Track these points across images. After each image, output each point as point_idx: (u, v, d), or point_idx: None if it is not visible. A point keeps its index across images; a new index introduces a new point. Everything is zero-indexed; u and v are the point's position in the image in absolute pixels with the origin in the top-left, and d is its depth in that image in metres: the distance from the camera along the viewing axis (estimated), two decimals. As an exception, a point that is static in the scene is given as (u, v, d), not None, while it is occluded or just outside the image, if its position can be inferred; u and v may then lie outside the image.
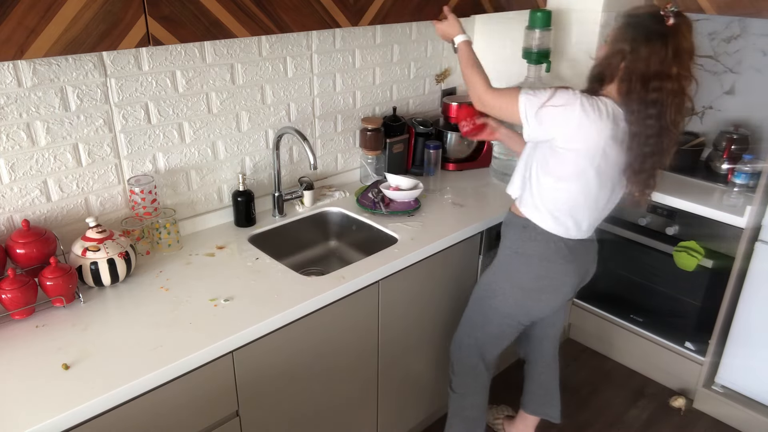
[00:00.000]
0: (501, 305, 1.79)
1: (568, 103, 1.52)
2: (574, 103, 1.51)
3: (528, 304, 1.76)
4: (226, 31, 1.43)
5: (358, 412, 1.92)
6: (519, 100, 1.59)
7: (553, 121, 1.54)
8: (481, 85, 1.70)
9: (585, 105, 1.51)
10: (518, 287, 1.75)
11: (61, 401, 1.18)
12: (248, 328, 1.43)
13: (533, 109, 1.56)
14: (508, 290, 1.76)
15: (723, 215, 2.16)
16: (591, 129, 1.51)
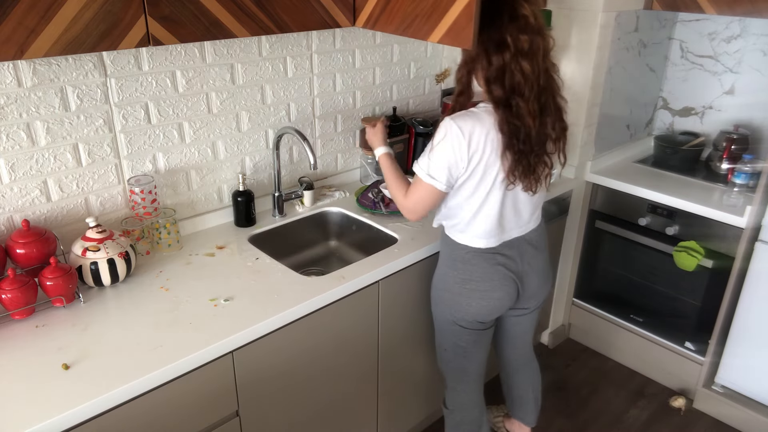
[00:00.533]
0: (441, 312, 1.77)
1: (447, 132, 1.49)
2: (448, 124, 1.49)
3: (460, 307, 1.70)
4: (226, 31, 1.43)
5: (358, 412, 1.92)
6: (420, 177, 1.56)
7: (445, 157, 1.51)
8: (401, 195, 1.65)
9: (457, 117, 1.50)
10: (448, 291, 1.72)
11: (61, 401, 1.18)
12: (248, 328, 1.43)
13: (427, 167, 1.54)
14: (442, 295, 1.74)
15: (723, 215, 2.16)
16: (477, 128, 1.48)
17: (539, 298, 1.82)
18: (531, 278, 1.73)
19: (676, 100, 2.76)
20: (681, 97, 2.74)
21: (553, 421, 2.39)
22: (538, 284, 1.77)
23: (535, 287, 1.76)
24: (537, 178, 1.57)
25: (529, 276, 1.72)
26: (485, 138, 1.49)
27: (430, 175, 1.53)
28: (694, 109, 2.71)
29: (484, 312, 1.70)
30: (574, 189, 2.50)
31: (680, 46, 2.67)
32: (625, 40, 2.40)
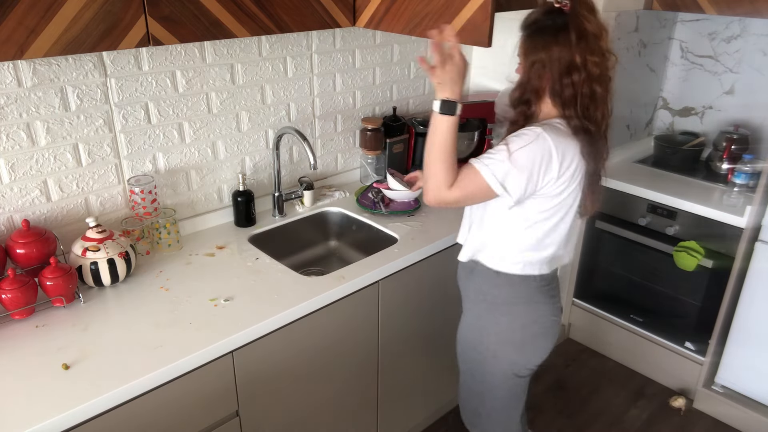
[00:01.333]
0: (496, 368, 1.56)
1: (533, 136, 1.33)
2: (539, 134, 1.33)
3: (524, 357, 1.54)
4: (226, 31, 1.43)
5: (358, 412, 1.92)
6: (486, 179, 1.34)
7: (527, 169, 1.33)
8: (445, 181, 1.37)
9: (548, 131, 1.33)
10: (508, 343, 1.52)
11: (61, 401, 1.18)
12: (248, 328, 1.43)
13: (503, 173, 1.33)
14: (498, 349, 1.53)
15: (723, 215, 2.16)
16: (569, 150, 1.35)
17: None
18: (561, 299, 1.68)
19: (676, 100, 2.76)
20: (681, 97, 2.74)
21: (553, 421, 2.39)
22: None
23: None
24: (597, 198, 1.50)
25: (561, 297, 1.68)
26: (575, 156, 1.36)
27: (503, 185, 1.33)
28: (694, 109, 2.71)
29: (547, 352, 1.55)
30: (574, 189, 2.49)
31: (680, 46, 2.67)
32: (625, 40, 2.40)
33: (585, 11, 1.35)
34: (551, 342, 1.57)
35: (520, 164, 1.32)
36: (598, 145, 1.39)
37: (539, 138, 1.32)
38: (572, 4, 1.35)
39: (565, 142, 1.35)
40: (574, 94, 1.34)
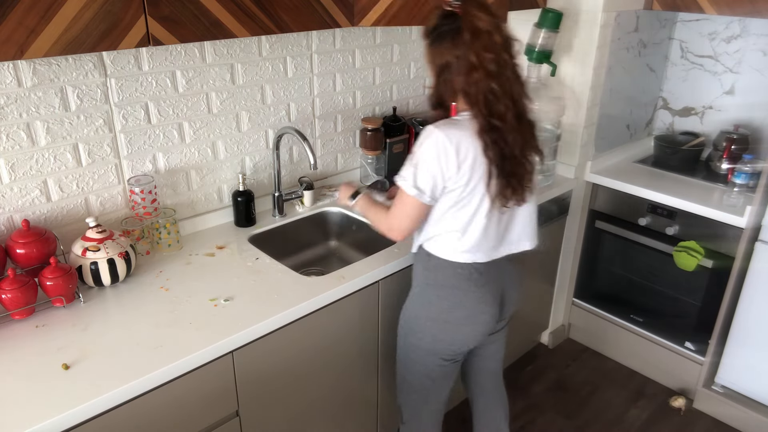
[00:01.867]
0: (420, 342, 1.62)
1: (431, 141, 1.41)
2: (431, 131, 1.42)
3: (446, 338, 1.59)
4: (226, 31, 1.43)
5: (358, 412, 1.92)
6: (404, 189, 1.46)
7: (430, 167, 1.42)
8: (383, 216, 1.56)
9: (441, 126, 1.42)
10: (433, 320, 1.58)
11: (61, 401, 1.18)
12: (248, 328, 1.43)
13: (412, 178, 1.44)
14: (424, 325, 1.60)
15: (723, 215, 2.16)
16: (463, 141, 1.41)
17: (513, 309, 1.71)
18: (511, 294, 1.65)
19: (676, 100, 2.76)
20: (681, 97, 2.74)
21: (553, 421, 2.39)
22: (513, 295, 1.67)
23: (511, 299, 1.67)
24: (530, 189, 1.51)
25: (510, 291, 1.64)
26: (474, 147, 1.41)
27: (417, 186, 1.44)
28: (694, 109, 2.71)
29: (470, 339, 1.59)
30: (574, 189, 2.50)
31: (680, 46, 2.67)
32: (625, 40, 2.40)
33: (475, 10, 1.39)
34: (478, 332, 1.59)
35: (422, 164, 1.43)
36: (508, 137, 1.42)
37: (431, 135, 1.42)
38: (463, 4, 1.40)
39: (460, 134, 1.41)
40: (476, 93, 1.39)
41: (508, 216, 1.54)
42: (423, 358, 1.65)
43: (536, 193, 1.60)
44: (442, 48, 1.42)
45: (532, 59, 2.29)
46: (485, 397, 1.89)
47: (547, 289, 2.70)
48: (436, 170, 1.42)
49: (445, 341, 1.60)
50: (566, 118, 2.42)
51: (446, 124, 1.43)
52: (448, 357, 1.63)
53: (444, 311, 1.57)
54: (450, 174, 1.42)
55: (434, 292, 1.58)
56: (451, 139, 1.40)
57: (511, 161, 1.44)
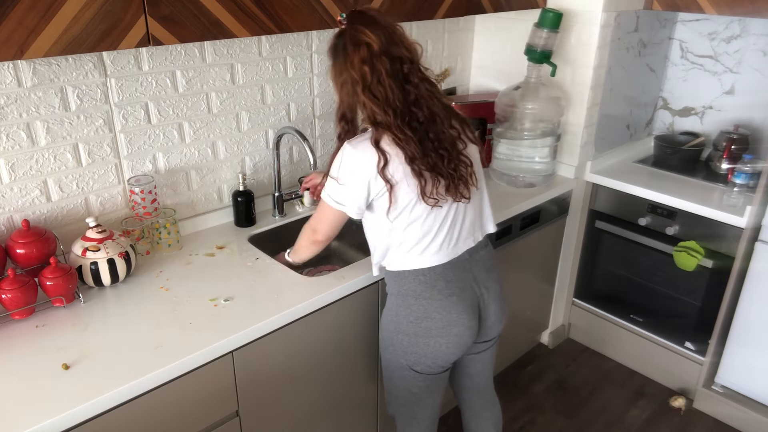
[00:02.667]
0: (393, 356, 1.59)
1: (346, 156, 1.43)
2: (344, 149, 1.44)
3: (416, 351, 1.53)
4: (226, 31, 1.43)
5: (358, 412, 1.92)
6: (324, 200, 1.51)
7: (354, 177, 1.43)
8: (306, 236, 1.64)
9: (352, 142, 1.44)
10: (401, 333, 1.54)
11: (61, 401, 1.18)
12: (248, 328, 1.43)
13: (335, 189, 1.47)
14: (395, 338, 1.56)
15: (723, 215, 2.16)
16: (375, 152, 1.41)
17: (498, 328, 1.66)
18: (490, 305, 1.59)
19: (676, 100, 2.76)
20: (681, 97, 2.74)
21: (553, 421, 2.39)
22: (496, 311, 1.61)
23: (494, 315, 1.61)
24: (465, 182, 1.48)
25: (487, 302, 1.58)
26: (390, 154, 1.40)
27: (338, 201, 1.47)
28: (694, 109, 2.71)
29: (442, 353, 1.53)
30: (574, 189, 2.50)
31: (680, 46, 2.67)
32: (625, 40, 2.40)
33: (358, 23, 1.41)
34: (453, 344, 1.53)
35: (342, 180, 1.45)
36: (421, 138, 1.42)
37: (344, 152, 1.44)
38: (348, 20, 1.43)
39: (368, 144, 1.42)
40: (363, 104, 1.43)
41: (452, 212, 1.50)
42: (400, 372, 1.60)
43: (483, 184, 1.59)
44: (337, 65, 1.45)
45: (532, 59, 2.29)
46: (472, 411, 1.85)
47: (547, 289, 2.70)
48: (358, 184, 1.43)
49: (417, 354, 1.54)
50: (566, 118, 2.42)
51: (356, 139, 1.45)
52: (424, 371, 1.57)
53: (411, 323, 1.52)
54: (366, 186, 1.43)
55: (401, 303, 1.54)
56: (362, 150, 1.42)
57: (434, 159, 1.43)
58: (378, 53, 1.39)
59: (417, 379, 1.59)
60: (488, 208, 1.65)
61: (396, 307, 1.55)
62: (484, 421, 1.85)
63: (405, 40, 1.44)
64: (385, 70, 1.39)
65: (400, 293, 1.54)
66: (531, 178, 2.37)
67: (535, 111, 2.31)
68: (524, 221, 2.28)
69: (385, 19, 1.44)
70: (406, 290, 1.52)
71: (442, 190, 1.45)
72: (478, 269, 1.57)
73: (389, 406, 1.75)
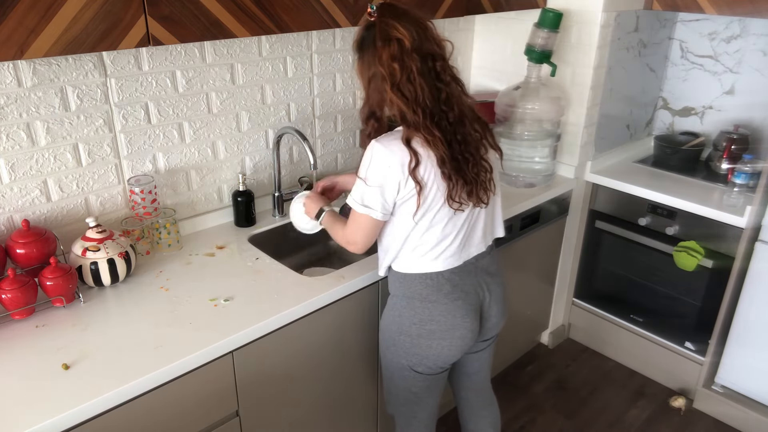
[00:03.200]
0: (394, 357, 1.59)
1: (373, 155, 1.40)
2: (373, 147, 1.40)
3: (419, 353, 1.54)
4: (226, 31, 1.43)
5: (358, 412, 1.92)
6: (354, 209, 1.46)
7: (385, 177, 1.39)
8: (341, 230, 1.56)
9: (381, 140, 1.40)
10: (404, 334, 1.54)
11: (61, 401, 1.18)
12: (248, 328, 1.43)
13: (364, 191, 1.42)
14: (398, 339, 1.56)
15: (723, 215, 2.16)
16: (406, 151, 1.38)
17: (497, 328, 1.67)
18: (492, 307, 1.60)
19: (676, 100, 2.76)
20: (681, 97, 2.74)
21: (553, 421, 2.39)
22: (497, 313, 1.62)
23: (495, 317, 1.62)
24: (484, 188, 1.47)
25: (490, 305, 1.59)
26: (419, 155, 1.38)
27: (365, 204, 1.43)
28: (694, 109, 2.71)
29: (444, 355, 1.54)
30: (574, 189, 2.50)
31: (680, 46, 2.67)
32: (625, 40, 2.40)
33: (389, 17, 1.38)
34: (455, 347, 1.54)
35: (370, 182, 1.41)
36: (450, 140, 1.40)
37: (373, 151, 1.40)
38: (379, 13, 1.40)
39: (400, 145, 1.38)
40: (391, 101, 1.40)
41: (470, 217, 1.50)
42: (401, 372, 1.61)
43: (499, 190, 1.58)
44: (365, 60, 1.42)
45: (532, 59, 2.29)
46: (470, 410, 1.85)
47: (547, 289, 2.70)
48: (387, 185, 1.40)
49: (419, 356, 1.54)
50: (566, 118, 2.42)
51: (387, 137, 1.42)
52: (425, 371, 1.58)
53: (415, 325, 1.52)
54: (397, 186, 1.40)
55: (405, 305, 1.53)
56: (393, 151, 1.38)
57: (460, 163, 1.41)
58: (409, 50, 1.35)
59: (417, 379, 1.60)
60: (500, 213, 1.64)
61: (400, 308, 1.55)
62: (482, 420, 1.85)
63: (436, 37, 1.41)
64: (416, 67, 1.35)
65: (405, 295, 1.53)
66: (531, 178, 2.37)
67: (535, 111, 2.31)
68: (524, 221, 2.28)
69: (416, 13, 1.41)
70: (412, 292, 1.52)
71: (465, 194, 1.43)
72: (483, 273, 1.57)
73: (389, 405, 1.75)
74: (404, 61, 1.35)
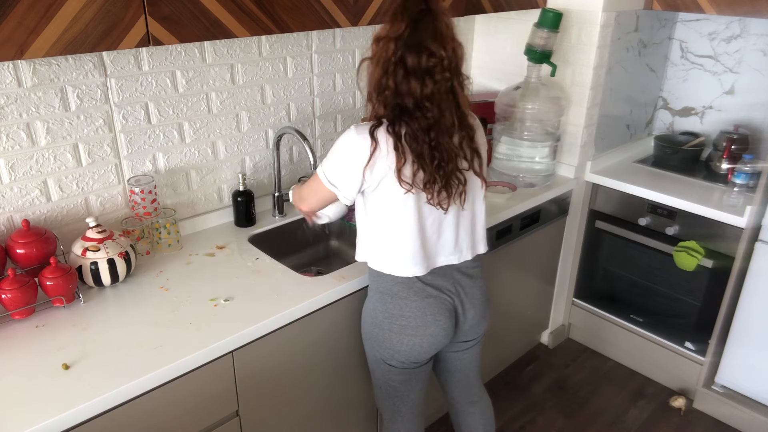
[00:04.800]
0: (371, 349, 1.62)
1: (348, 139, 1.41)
2: (348, 130, 1.42)
3: (391, 345, 1.55)
4: (226, 31, 1.43)
5: (358, 412, 1.92)
6: (321, 178, 1.48)
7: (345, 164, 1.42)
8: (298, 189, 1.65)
9: (357, 126, 1.41)
10: (377, 327, 1.56)
11: (61, 401, 1.18)
12: (248, 328, 1.43)
13: (329, 169, 1.45)
14: (371, 332, 1.58)
15: (723, 215, 2.16)
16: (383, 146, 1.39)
17: (478, 330, 1.66)
18: (468, 310, 1.59)
19: (676, 100, 2.76)
20: (681, 97, 2.74)
21: (553, 421, 2.39)
22: (475, 316, 1.61)
23: (472, 320, 1.61)
24: (450, 193, 1.44)
25: (466, 307, 1.58)
26: (391, 147, 1.38)
27: (330, 181, 1.46)
28: (694, 109, 2.71)
29: (416, 351, 1.54)
30: (574, 189, 2.50)
31: (680, 46, 2.67)
32: (625, 40, 2.40)
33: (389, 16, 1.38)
34: (426, 344, 1.54)
35: (335, 160, 1.45)
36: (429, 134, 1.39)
37: (348, 134, 1.43)
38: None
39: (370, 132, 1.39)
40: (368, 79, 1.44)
41: (436, 223, 1.49)
42: (378, 365, 1.63)
43: (482, 201, 1.56)
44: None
45: (532, 59, 2.29)
46: (457, 407, 1.84)
47: (547, 289, 2.70)
48: (352, 168, 1.41)
49: (391, 350, 1.56)
50: (566, 118, 2.42)
51: (363, 124, 1.43)
52: (397, 365, 1.59)
53: (387, 319, 1.53)
54: (361, 171, 1.40)
55: (378, 299, 1.55)
56: (364, 136, 1.39)
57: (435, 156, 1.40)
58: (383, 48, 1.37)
59: (393, 372, 1.61)
60: (482, 230, 1.61)
61: (375, 302, 1.57)
62: (470, 416, 1.84)
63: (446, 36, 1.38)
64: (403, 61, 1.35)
65: (378, 289, 1.55)
66: (531, 178, 2.37)
67: (535, 111, 2.31)
68: (524, 221, 2.28)
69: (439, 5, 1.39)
70: (384, 288, 1.54)
71: (436, 187, 1.41)
72: (461, 276, 1.57)
73: (376, 399, 1.76)
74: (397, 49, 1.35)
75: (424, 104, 1.38)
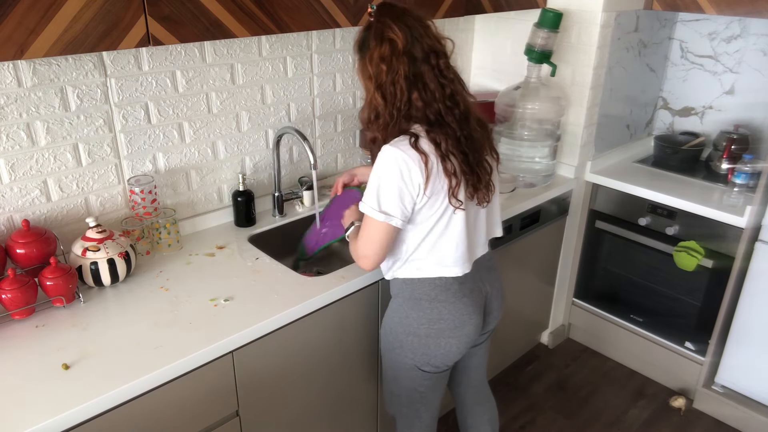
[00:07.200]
0: (401, 358, 1.58)
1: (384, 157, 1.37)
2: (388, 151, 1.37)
3: (429, 350, 1.54)
4: (226, 31, 1.43)
5: (358, 412, 1.92)
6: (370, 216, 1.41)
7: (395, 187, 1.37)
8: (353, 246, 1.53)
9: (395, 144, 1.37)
10: (413, 335, 1.53)
11: (61, 401, 1.18)
12: (248, 328, 1.43)
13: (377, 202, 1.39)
14: (405, 340, 1.55)
15: (723, 215, 2.16)
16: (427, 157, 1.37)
17: (496, 322, 1.69)
18: (493, 302, 1.63)
19: (676, 100, 2.76)
20: (681, 97, 2.74)
21: (553, 421, 2.39)
22: (498, 307, 1.65)
23: (496, 311, 1.66)
24: (487, 187, 1.47)
25: (491, 300, 1.62)
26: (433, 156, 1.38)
27: (384, 211, 1.38)
28: (694, 109, 2.71)
29: (453, 352, 1.55)
30: (574, 189, 2.50)
31: (680, 46, 2.67)
32: (625, 40, 2.40)
33: (386, 17, 1.38)
34: (462, 343, 1.55)
35: (384, 186, 1.38)
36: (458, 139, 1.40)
37: (389, 155, 1.37)
38: (377, 12, 1.40)
39: (410, 146, 1.37)
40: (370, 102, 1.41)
41: (474, 219, 1.51)
42: (407, 373, 1.61)
43: (498, 191, 1.58)
44: (365, 60, 1.41)
45: (532, 59, 2.29)
46: (467, 406, 1.85)
47: (547, 289, 2.70)
48: (406, 191, 1.37)
49: (427, 355, 1.55)
50: (566, 118, 2.42)
51: (400, 140, 1.39)
52: (431, 370, 1.59)
53: (423, 325, 1.52)
54: (418, 188, 1.38)
55: (412, 306, 1.53)
56: (409, 153, 1.36)
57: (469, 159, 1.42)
58: (400, 52, 1.36)
59: (424, 378, 1.61)
60: (498, 214, 1.65)
61: (407, 309, 1.54)
62: (479, 417, 1.85)
63: (437, 35, 1.42)
64: (403, 71, 1.36)
65: (412, 297, 1.53)
66: (531, 178, 2.37)
67: (535, 111, 2.31)
68: (524, 221, 2.28)
69: (416, 12, 1.41)
70: (419, 294, 1.52)
71: (469, 192, 1.44)
72: (483, 269, 1.60)
73: (390, 406, 1.75)
74: (392, 63, 1.36)
75: (446, 104, 1.39)
